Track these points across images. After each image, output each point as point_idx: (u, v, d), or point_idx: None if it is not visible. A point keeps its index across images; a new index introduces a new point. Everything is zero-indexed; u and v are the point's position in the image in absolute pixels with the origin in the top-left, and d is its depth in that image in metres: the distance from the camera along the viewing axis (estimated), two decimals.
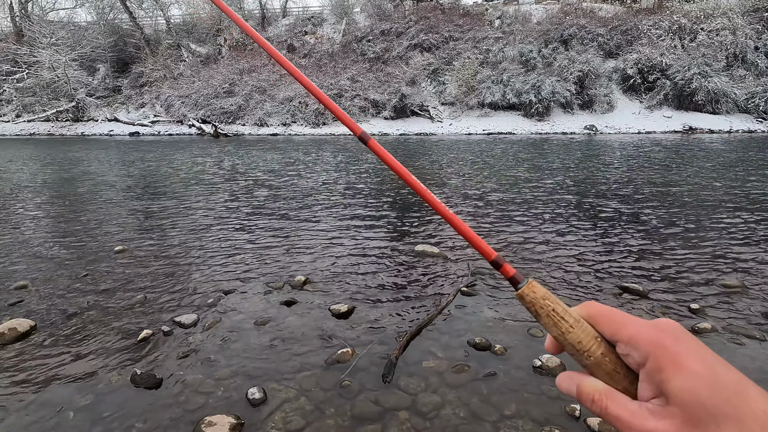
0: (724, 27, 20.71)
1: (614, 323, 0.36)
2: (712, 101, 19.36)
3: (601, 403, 0.34)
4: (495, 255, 0.42)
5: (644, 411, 0.32)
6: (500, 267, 0.42)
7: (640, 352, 0.33)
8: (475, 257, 4.17)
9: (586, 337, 0.36)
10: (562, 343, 0.38)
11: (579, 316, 0.38)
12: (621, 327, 0.35)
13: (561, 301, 0.40)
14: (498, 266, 0.42)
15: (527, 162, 10.45)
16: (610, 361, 0.36)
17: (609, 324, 0.36)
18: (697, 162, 10.07)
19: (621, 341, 0.35)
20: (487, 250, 0.43)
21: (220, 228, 5.33)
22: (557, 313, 0.38)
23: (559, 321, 0.38)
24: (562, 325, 0.37)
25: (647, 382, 0.32)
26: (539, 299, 0.39)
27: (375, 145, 0.50)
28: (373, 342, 2.76)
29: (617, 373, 0.35)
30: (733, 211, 5.68)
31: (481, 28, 25.38)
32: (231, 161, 11.47)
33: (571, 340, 0.37)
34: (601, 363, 0.36)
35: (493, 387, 2.31)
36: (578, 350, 0.36)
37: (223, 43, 27.01)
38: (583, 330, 0.37)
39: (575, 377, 0.38)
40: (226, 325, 3.02)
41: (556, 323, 0.38)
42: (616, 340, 0.35)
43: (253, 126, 22.28)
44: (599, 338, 0.36)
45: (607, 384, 0.35)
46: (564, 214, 5.68)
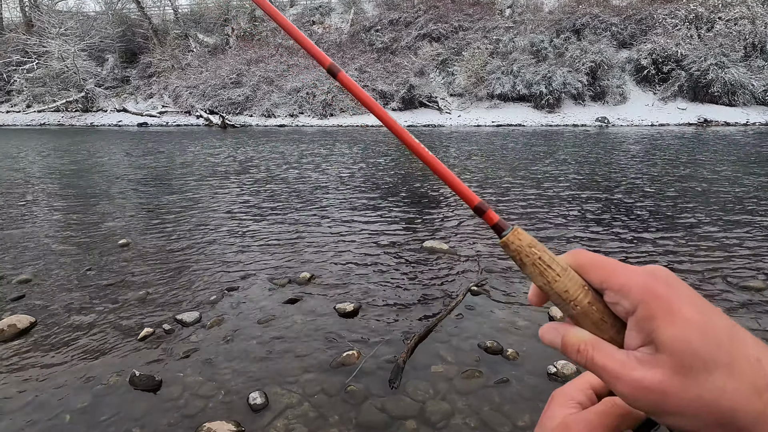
0: (743, 16, 20.08)
1: (603, 271, 0.34)
2: (728, 93, 18.85)
3: (586, 353, 0.33)
4: (478, 200, 0.39)
5: (632, 360, 0.30)
6: (483, 213, 0.38)
7: (630, 300, 0.31)
8: (486, 255, 4.05)
9: (573, 285, 0.34)
10: (547, 292, 0.36)
11: (566, 264, 0.35)
12: (611, 275, 0.33)
13: (546, 249, 0.36)
14: (481, 212, 0.39)
15: (547, 156, 10.23)
16: (597, 310, 0.34)
17: (598, 272, 0.34)
18: (725, 156, 9.79)
19: (610, 289, 0.33)
20: (469, 196, 0.39)
21: (225, 222, 5.25)
22: (543, 261, 0.35)
23: (545, 270, 0.35)
24: (548, 274, 0.35)
25: (636, 331, 0.31)
26: (525, 247, 0.36)
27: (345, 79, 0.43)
28: (380, 344, 2.66)
29: (604, 322, 0.34)
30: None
31: (492, 17, 24.90)
32: (239, 154, 11.40)
33: (557, 289, 0.35)
34: (588, 312, 0.34)
35: (505, 395, 2.20)
36: (564, 299, 0.34)
37: (230, 33, 26.85)
38: (570, 279, 0.35)
39: (560, 328, 0.36)
40: (228, 323, 2.93)
41: (542, 272, 0.35)
42: (604, 288, 0.33)
43: (260, 117, 22.18)
44: (586, 287, 0.34)
45: (594, 334, 0.33)
46: (591, 211, 5.52)
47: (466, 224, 4.97)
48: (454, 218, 5.22)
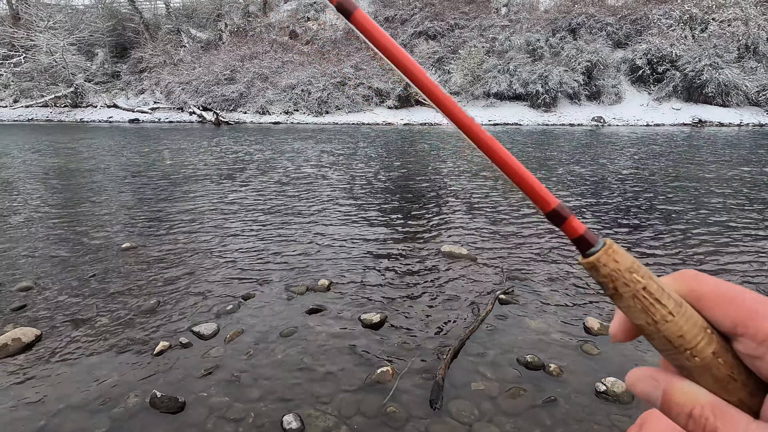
0: (736, 17, 20.27)
1: (739, 309, 0.25)
2: (722, 93, 19.02)
3: (705, 420, 0.24)
4: (556, 203, 0.29)
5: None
6: (563, 222, 0.29)
7: None
8: (507, 259, 3.93)
9: (691, 328, 0.26)
10: (648, 334, 0.27)
11: (679, 296, 0.27)
12: (752, 315, 0.24)
13: (653, 274, 0.27)
14: (559, 221, 0.29)
15: (552, 157, 10.16)
16: (724, 363, 0.25)
17: (729, 310, 0.25)
18: (731, 156, 9.81)
19: (749, 337, 0.24)
20: (544, 197, 0.29)
21: (231, 225, 5.07)
22: (650, 293, 0.26)
23: (651, 305, 0.26)
24: (655, 312, 0.26)
25: None
26: (623, 272, 0.27)
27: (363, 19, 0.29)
28: (413, 358, 2.53)
29: (732, 380, 0.25)
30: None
31: (488, 15, 24.84)
32: (237, 152, 11.15)
33: (668, 333, 0.26)
34: (711, 366, 0.25)
35: (555, 416, 2.08)
36: (677, 347, 0.26)
37: (223, 28, 26.41)
38: (687, 318, 0.26)
39: (662, 378, 0.27)
40: (248, 336, 2.77)
41: (647, 308, 0.26)
42: (738, 334, 0.25)
43: (254, 114, 21.86)
44: (710, 330, 0.26)
45: (715, 394, 0.25)
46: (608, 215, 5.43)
47: (482, 226, 4.85)
48: (469, 219, 5.10)
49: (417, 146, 12.04)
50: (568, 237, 0.29)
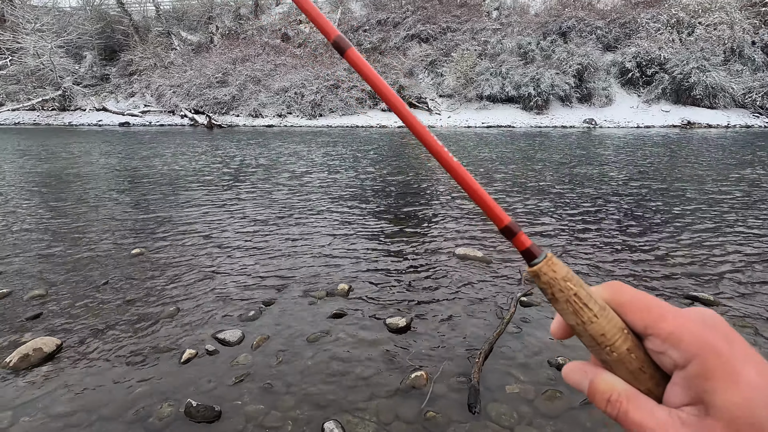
0: (722, 21, 20.75)
1: (649, 314, 0.30)
2: (710, 96, 19.44)
3: (620, 405, 0.29)
4: (508, 221, 0.34)
5: (675, 420, 0.27)
6: (513, 236, 0.34)
7: (681, 352, 0.28)
8: (522, 261, 3.95)
9: (611, 329, 0.31)
10: (578, 333, 0.32)
11: (604, 302, 0.32)
12: (658, 319, 0.29)
13: (583, 283, 0.33)
14: (510, 235, 0.34)
15: (554, 160, 10.26)
16: (636, 358, 0.30)
17: (642, 314, 0.31)
18: (732, 158, 10.00)
19: (656, 336, 0.29)
20: (498, 214, 0.34)
21: (239, 229, 5.02)
22: (580, 298, 0.32)
23: (580, 309, 0.31)
24: (583, 314, 0.31)
25: (683, 387, 0.28)
26: (559, 280, 0.32)
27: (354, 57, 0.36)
28: (444, 362, 2.52)
29: (642, 372, 0.30)
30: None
31: (479, 19, 25.06)
32: (235, 155, 11.06)
33: (593, 332, 0.31)
34: (626, 360, 0.30)
35: (595, 417, 2.09)
36: (599, 343, 0.31)
37: (215, 31, 26.22)
38: (608, 320, 0.31)
39: (589, 370, 0.32)
40: (275, 342, 2.74)
41: (577, 311, 0.31)
42: (648, 334, 0.30)
43: (247, 117, 21.72)
44: (626, 330, 0.31)
45: (629, 383, 0.30)
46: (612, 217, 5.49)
47: (493, 228, 4.87)
48: (480, 221, 5.13)
49: (415, 149, 12.07)
50: (517, 249, 0.33)
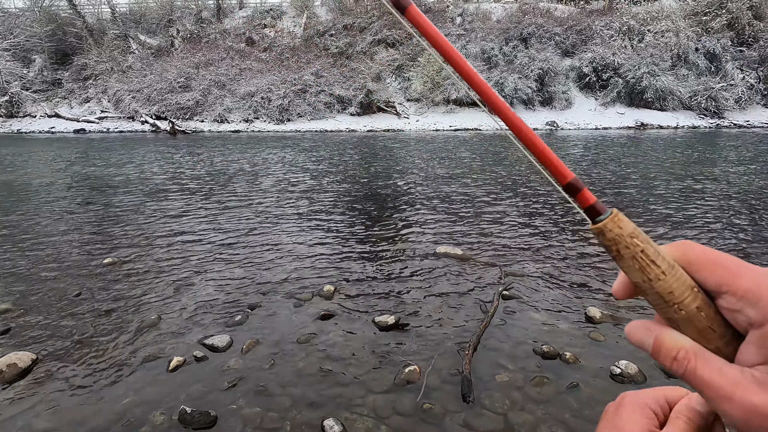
0: (669, 29, 22.15)
1: (724, 271, 0.29)
2: (660, 99, 20.66)
3: (687, 362, 0.28)
4: (572, 177, 0.34)
5: (749, 379, 0.26)
6: (577, 192, 0.33)
7: (759, 311, 0.27)
8: (502, 258, 4.09)
9: (679, 286, 0.30)
10: (644, 290, 0.31)
11: (672, 260, 0.31)
12: (734, 276, 0.28)
13: (651, 240, 0.32)
14: (574, 191, 0.34)
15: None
16: (706, 316, 0.30)
17: (715, 271, 0.29)
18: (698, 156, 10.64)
19: (731, 294, 0.28)
20: (561, 170, 0.34)
21: (216, 235, 4.91)
22: (647, 255, 0.31)
23: (647, 265, 0.30)
24: (650, 271, 0.30)
25: (759, 346, 0.27)
26: (625, 236, 0.31)
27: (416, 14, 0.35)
28: (435, 356, 2.59)
29: (712, 330, 0.29)
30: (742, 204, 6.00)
31: (444, 24, 25.59)
32: (202, 161, 10.78)
33: (660, 289, 0.30)
34: (694, 318, 0.30)
35: (581, 400, 2.21)
36: (666, 301, 0.30)
37: (175, 34, 25.46)
38: (677, 278, 0.30)
39: (653, 328, 0.31)
40: (265, 345, 2.72)
41: (644, 268, 0.30)
42: (722, 292, 0.29)
43: (212, 122, 21.19)
44: (696, 288, 0.30)
45: (697, 342, 0.29)
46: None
47: (471, 226, 5.00)
48: (458, 220, 5.24)
49: (389, 151, 12.17)
50: (580, 206, 0.34)
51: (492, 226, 5.09)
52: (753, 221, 5.17)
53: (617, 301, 3.09)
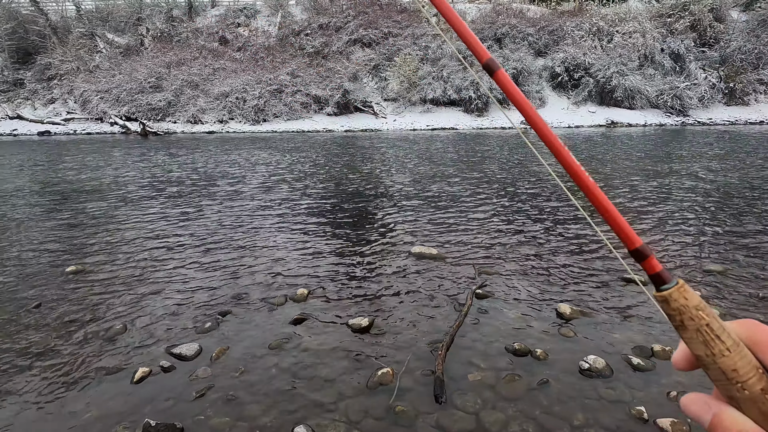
0: (636, 30, 22.85)
1: None
2: (629, 97, 21.32)
3: None
4: (639, 243, 0.34)
5: None
6: (644, 259, 0.34)
7: None
8: (475, 256, 4.13)
9: (744, 365, 0.30)
10: (706, 364, 0.31)
11: (737, 337, 0.31)
12: None
13: (717, 315, 0.32)
14: (640, 258, 0.34)
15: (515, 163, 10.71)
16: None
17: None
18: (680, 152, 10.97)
19: None
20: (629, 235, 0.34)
21: (186, 240, 4.79)
22: (712, 329, 0.31)
23: (712, 340, 0.31)
24: (714, 346, 0.31)
25: None
26: (690, 308, 0.32)
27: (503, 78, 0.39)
28: (409, 357, 2.58)
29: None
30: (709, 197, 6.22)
31: (419, 24, 25.71)
32: (175, 163, 10.50)
33: (723, 366, 0.30)
34: (758, 400, 0.29)
35: (551, 396, 2.24)
36: (729, 379, 0.30)
37: (145, 33, 24.76)
38: (741, 356, 0.30)
39: (713, 404, 0.31)
40: (236, 352, 2.66)
41: (708, 342, 0.31)
42: None
43: (186, 123, 20.70)
44: (762, 371, 0.30)
45: (760, 425, 0.29)
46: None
47: (446, 226, 5.03)
48: (433, 220, 5.26)
49: (366, 151, 12.14)
50: (646, 272, 0.34)
51: (468, 224, 5.13)
52: (723, 215, 5.38)
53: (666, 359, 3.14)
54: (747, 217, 5.24)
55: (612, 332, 2.82)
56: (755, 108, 21.02)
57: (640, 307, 3.14)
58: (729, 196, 6.32)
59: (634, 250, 0.33)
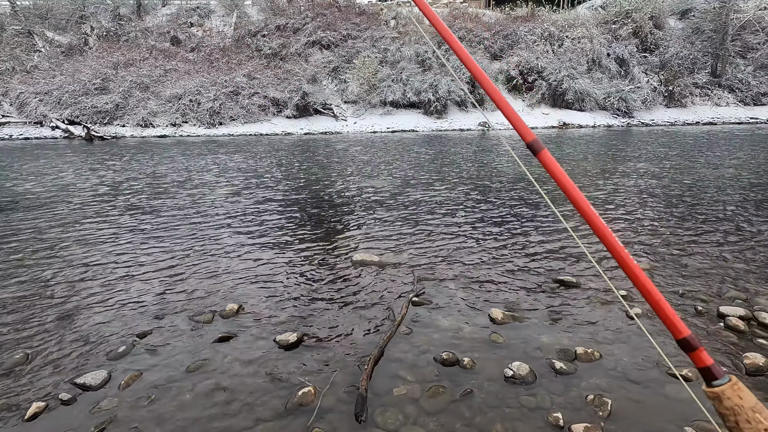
0: (584, 35, 23.89)
1: None
2: (579, 100, 22.23)
3: None
4: (687, 333, 0.32)
5: None
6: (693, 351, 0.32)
7: None
8: (416, 262, 4.09)
9: None
10: None
11: None
12: None
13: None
14: (689, 348, 0.32)
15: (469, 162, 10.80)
16: None
17: None
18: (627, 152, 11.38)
19: None
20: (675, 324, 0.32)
21: (109, 254, 4.48)
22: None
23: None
24: None
25: None
26: (746, 409, 0.29)
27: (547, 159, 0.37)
28: (335, 373, 2.49)
29: None
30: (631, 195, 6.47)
31: (378, 27, 25.79)
32: (116, 169, 9.93)
33: None
34: None
35: (473, 407, 2.21)
36: None
37: (89, 32, 23.45)
38: None
39: None
40: (148, 378, 2.47)
41: None
42: None
43: (135, 127, 19.74)
44: None
45: None
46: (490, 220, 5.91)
47: (390, 232, 4.97)
48: (377, 226, 5.20)
49: (326, 154, 11.96)
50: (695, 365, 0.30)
51: (416, 229, 5.10)
52: (652, 213, 5.62)
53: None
54: (671, 216, 5.51)
55: (540, 336, 2.84)
56: (692, 110, 22.44)
57: (569, 308, 3.19)
58: (658, 194, 6.64)
59: (682, 340, 0.31)
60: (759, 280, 3.61)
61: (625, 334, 2.86)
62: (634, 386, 2.34)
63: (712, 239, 4.61)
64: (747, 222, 5.19)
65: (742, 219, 5.30)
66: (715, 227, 5.00)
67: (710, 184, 7.24)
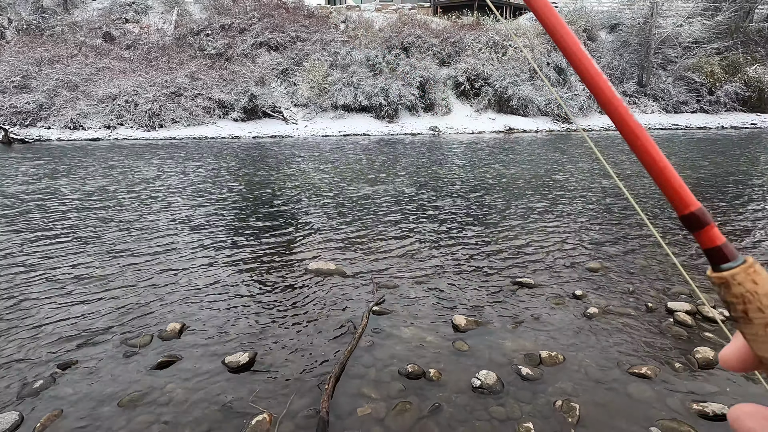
0: (526, 45, 25.05)
1: None
2: (522, 106, 23.26)
3: None
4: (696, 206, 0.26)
5: None
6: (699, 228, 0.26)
7: None
8: (375, 269, 3.95)
9: None
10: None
11: None
12: None
13: None
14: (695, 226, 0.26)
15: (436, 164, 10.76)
16: None
17: None
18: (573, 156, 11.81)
19: None
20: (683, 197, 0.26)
21: (33, 270, 3.95)
22: None
23: None
24: None
25: None
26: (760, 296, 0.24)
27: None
28: (293, 396, 2.28)
29: None
30: (583, 198, 6.72)
31: (327, 30, 25.54)
32: (38, 176, 8.95)
33: None
34: None
35: (442, 423, 2.09)
36: None
37: (7, 24, 21.28)
38: None
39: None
40: (71, 418, 2.13)
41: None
42: None
43: (63, 129, 18.09)
44: None
45: None
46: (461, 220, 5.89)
47: (346, 238, 4.80)
48: (333, 233, 5.00)
49: (274, 159, 11.52)
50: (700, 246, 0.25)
51: (373, 235, 4.96)
52: (601, 215, 5.86)
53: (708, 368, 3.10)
54: (618, 217, 5.79)
55: (504, 341, 2.79)
56: None
57: (530, 311, 3.19)
58: (603, 197, 6.98)
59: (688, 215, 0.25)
60: (693, 273, 3.83)
61: (585, 333, 2.88)
62: (599, 388, 2.34)
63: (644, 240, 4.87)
64: None
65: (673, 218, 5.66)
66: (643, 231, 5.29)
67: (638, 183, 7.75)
